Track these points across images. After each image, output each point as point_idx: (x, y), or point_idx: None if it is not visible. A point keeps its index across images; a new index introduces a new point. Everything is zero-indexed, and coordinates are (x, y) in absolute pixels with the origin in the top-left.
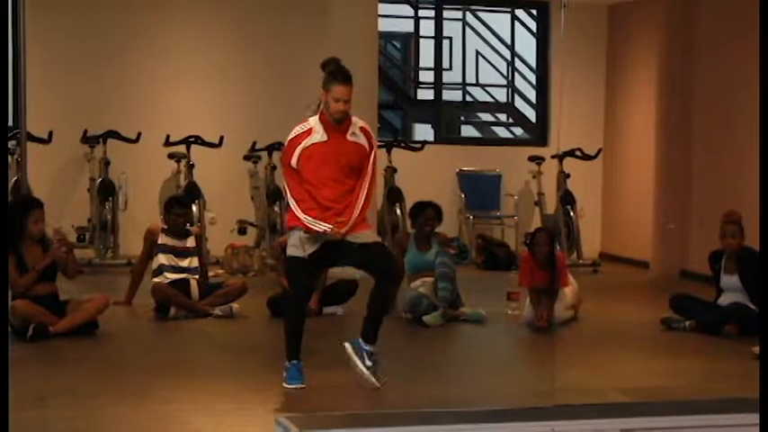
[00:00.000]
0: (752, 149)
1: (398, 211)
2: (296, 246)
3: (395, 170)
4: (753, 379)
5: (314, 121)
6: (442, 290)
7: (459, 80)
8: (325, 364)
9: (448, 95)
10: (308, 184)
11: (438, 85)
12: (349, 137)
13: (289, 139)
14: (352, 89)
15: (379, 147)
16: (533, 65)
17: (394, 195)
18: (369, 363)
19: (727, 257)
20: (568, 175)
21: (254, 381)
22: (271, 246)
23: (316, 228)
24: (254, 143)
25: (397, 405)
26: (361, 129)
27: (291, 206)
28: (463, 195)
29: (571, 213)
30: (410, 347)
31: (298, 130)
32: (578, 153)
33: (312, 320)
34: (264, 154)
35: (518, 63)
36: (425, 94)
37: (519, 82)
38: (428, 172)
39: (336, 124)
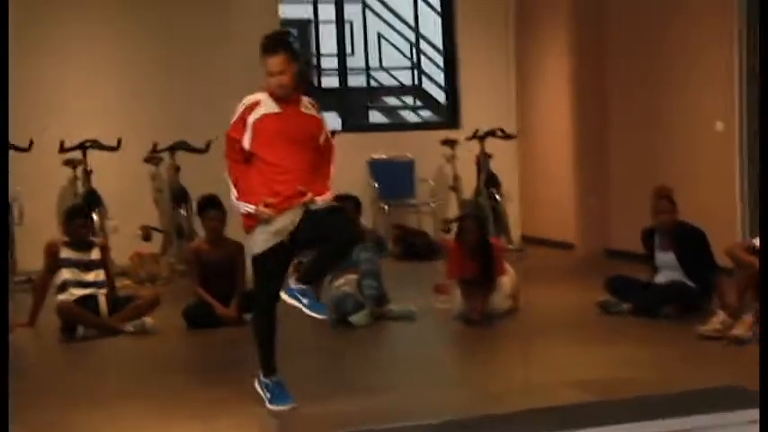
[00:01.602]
0: (667, 120)
1: None
2: (258, 243)
3: None
4: (703, 363)
5: (261, 94)
6: (367, 287)
7: (363, 65)
8: (250, 377)
9: (352, 81)
10: (261, 164)
11: (342, 72)
12: (303, 109)
13: (234, 119)
14: (288, 57)
15: None
16: (439, 45)
17: None
18: (305, 300)
19: (661, 234)
20: (490, 156)
21: (181, 401)
22: (180, 251)
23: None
24: (155, 144)
25: (338, 422)
26: (311, 103)
27: (232, 197)
28: (376, 184)
29: (497, 197)
30: (338, 351)
31: (242, 104)
32: (500, 133)
33: (232, 329)
34: (166, 155)
35: (423, 44)
36: (329, 82)
37: (425, 64)
38: (337, 161)
39: (286, 97)
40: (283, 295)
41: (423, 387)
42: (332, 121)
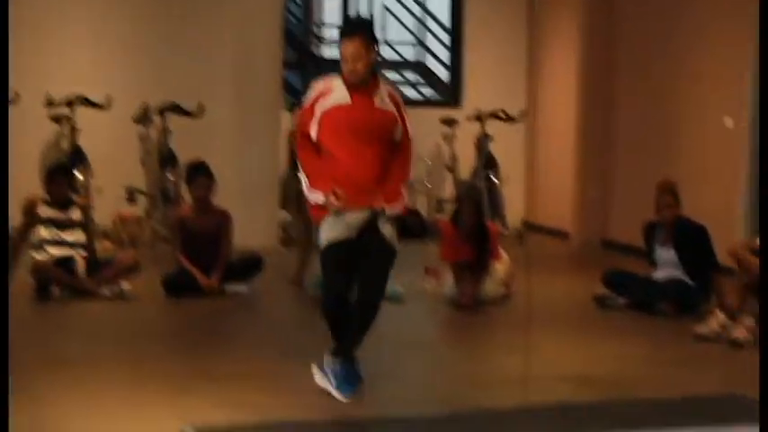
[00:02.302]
0: (676, 113)
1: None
2: (329, 232)
3: None
4: (699, 365)
5: (335, 79)
6: None
7: None
8: (232, 350)
9: None
10: (326, 156)
11: None
12: (377, 102)
13: (305, 104)
14: (365, 43)
15: (286, 110)
16: (445, 22)
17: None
18: (334, 381)
19: (663, 229)
20: (490, 138)
21: (156, 371)
22: (164, 216)
23: (331, 202)
24: (146, 104)
25: (321, 407)
26: (390, 94)
27: (305, 187)
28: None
29: (493, 179)
30: (322, 331)
31: (314, 89)
32: (502, 114)
33: (214, 300)
34: (157, 116)
35: (429, 20)
36: (331, 53)
37: (430, 40)
38: None
39: (360, 86)
40: (315, 372)
41: (409, 374)
42: None
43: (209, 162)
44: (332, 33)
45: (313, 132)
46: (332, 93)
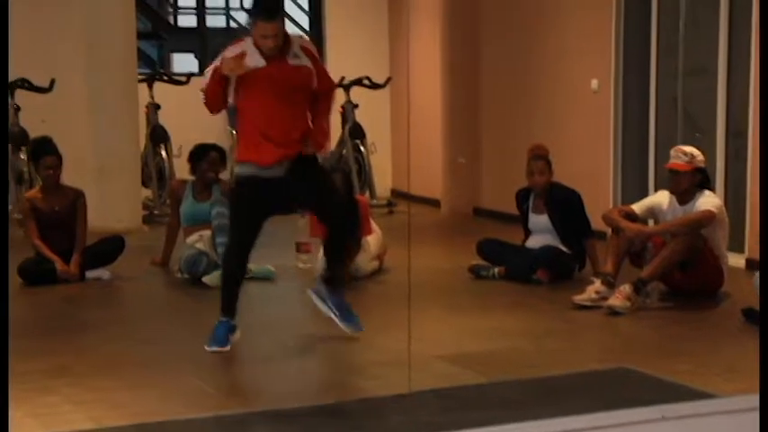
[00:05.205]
0: (542, 79)
1: (164, 153)
2: (238, 186)
3: (158, 106)
4: (578, 336)
5: (249, 42)
6: (220, 245)
7: (222, 4)
8: (93, 342)
9: (211, 22)
10: (248, 115)
11: (200, 11)
12: (290, 60)
13: (220, 58)
14: (281, 23)
15: (139, 81)
16: None
17: (158, 135)
18: (337, 312)
19: (536, 196)
20: (356, 106)
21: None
22: (18, 199)
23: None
24: None
25: (195, 402)
26: (303, 48)
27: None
28: (234, 131)
29: (362, 148)
30: (192, 314)
31: (228, 53)
32: (366, 82)
33: (75, 287)
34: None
35: None
36: (186, 21)
37: (290, 7)
38: (194, 107)
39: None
40: (311, 294)
41: (285, 361)
42: (185, 63)
43: (65, 139)
44: (186, 1)
45: (230, 97)
46: (246, 57)
